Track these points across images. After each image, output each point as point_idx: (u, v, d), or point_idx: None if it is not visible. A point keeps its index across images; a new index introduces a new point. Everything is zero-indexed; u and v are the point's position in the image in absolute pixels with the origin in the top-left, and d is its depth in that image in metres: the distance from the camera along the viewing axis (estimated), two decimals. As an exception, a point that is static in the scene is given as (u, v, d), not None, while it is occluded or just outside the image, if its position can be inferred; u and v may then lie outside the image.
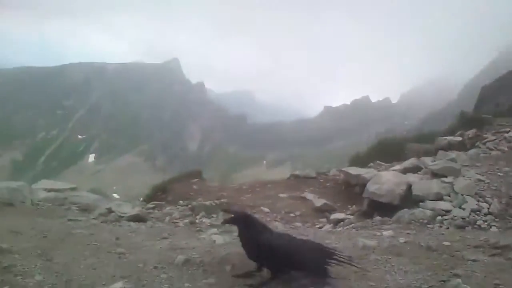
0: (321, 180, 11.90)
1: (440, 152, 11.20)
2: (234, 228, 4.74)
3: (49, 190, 11.69)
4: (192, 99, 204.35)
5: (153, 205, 10.47)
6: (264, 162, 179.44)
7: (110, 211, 9.19)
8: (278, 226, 7.56)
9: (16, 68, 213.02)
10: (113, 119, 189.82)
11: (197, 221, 8.30)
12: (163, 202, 11.03)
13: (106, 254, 5.13)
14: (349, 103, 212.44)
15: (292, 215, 9.21)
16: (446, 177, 8.82)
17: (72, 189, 12.19)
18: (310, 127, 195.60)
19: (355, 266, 4.25)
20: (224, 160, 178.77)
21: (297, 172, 12.70)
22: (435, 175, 9.10)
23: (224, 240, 5.64)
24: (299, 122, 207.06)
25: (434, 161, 10.18)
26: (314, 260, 4.05)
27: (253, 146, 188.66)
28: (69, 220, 7.77)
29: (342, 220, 8.40)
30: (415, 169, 9.97)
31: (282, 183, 12.10)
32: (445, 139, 13.78)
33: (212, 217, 8.65)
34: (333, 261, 4.06)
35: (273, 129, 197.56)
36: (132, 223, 7.96)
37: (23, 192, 9.98)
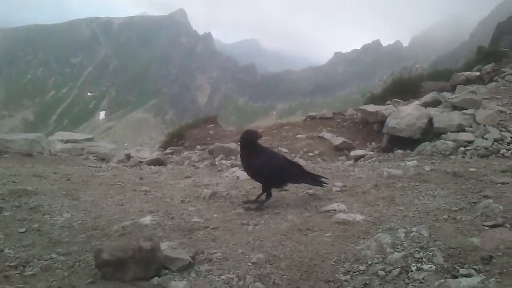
0: (338, 120, 11.78)
1: (459, 86, 11.01)
2: None
3: (66, 141, 11.77)
4: (200, 50, 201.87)
5: (171, 151, 10.52)
6: (274, 112, 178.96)
7: (129, 156, 9.26)
8: (300, 162, 7.53)
9: (23, 26, 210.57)
10: (121, 74, 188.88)
11: (216, 163, 8.31)
12: (181, 148, 11.08)
13: (132, 192, 5.18)
14: (359, 48, 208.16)
15: (311, 154, 9.17)
16: (467, 109, 8.71)
17: (89, 139, 12.25)
18: (320, 75, 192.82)
19: (325, 178, 4.81)
20: (234, 112, 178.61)
21: (313, 113, 12.59)
22: (456, 108, 8.98)
23: (247, 176, 5.60)
24: (308, 70, 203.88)
25: (454, 95, 10.03)
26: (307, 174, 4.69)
27: (263, 96, 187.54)
28: (89, 166, 7.82)
29: (362, 156, 8.34)
30: (434, 103, 9.82)
31: (298, 124, 11.99)
32: (463, 74, 13.54)
33: (231, 158, 8.65)
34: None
35: (282, 78, 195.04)
36: (152, 167, 8.01)
37: (41, 143, 10.05)
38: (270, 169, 4.43)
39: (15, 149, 9.05)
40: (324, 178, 4.73)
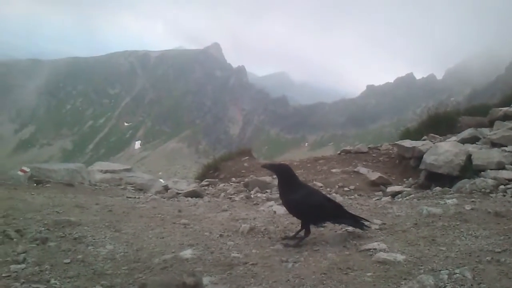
0: (374, 155, 11.68)
1: (498, 122, 10.80)
2: None
3: (105, 172, 12.05)
4: (234, 83, 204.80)
5: (207, 183, 10.65)
6: (306, 144, 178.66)
7: (166, 188, 9.43)
8: (336, 198, 7.50)
9: (64, 58, 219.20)
10: (157, 106, 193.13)
11: (252, 196, 8.34)
12: (216, 180, 11.18)
13: (172, 225, 5.27)
14: (392, 81, 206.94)
15: (346, 189, 9.10)
16: (506, 146, 8.54)
17: (127, 170, 12.52)
18: (352, 107, 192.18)
19: (367, 221, 4.73)
20: (265, 143, 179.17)
21: (348, 147, 12.55)
22: (495, 144, 8.81)
23: (284, 211, 5.62)
24: (340, 102, 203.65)
25: (492, 131, 9.85)
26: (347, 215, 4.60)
27: (294, 128, 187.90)
28: (128, 197, 7.99)
29: (399, 192, 8.23)
30: (472, 140, 9.65)
31: (333, 158, 11.95)
32: (501, 110, 13.25)
33: (266, 191, 8.69)
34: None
35: (314, 110, 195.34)
36: (190, 199, 8.12)
37: (81, 173, 10.34)
38: (307, 206, 4.44)
39: (56, 179, 9.32)
40: (366, 220, 4.69)
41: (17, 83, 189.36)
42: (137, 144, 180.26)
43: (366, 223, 4.63)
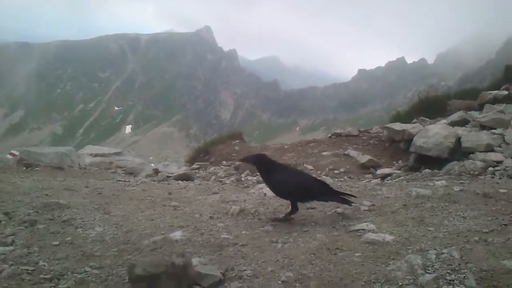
0: (364, 138, 11.72)
1: (487, 105, 10.87)
2: None
3: (95, 155, 11.96)
4: (225, 67, 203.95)
5: (198, 166, 10.64)
6: (297, 128, 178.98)
7: (157, 171, 9.41)
8: (327, 180, 7.51)
9: (54, 42, 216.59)
10: (147, 89, 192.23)
11: (242, 179, 8.35)
12: (207, 163, 11.17)
13: (162, 207, 5.26)
14: (383, 65, 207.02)
15: (336, 171, 9.15)
16: (495, 129, 8.60)
17: (117, 153, 12.43)
18: (343, 91, 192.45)
19: (354, 197, 4.73)
20: (257, 127, 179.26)
21: (339, 130, 12.58)
22: (484, 127, 8.88)
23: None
24: (332, 86, 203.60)
25: (482, 114, 9.91)
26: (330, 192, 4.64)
27: (286, 112, 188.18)
28: (118, 180, 7.94)
29: (389, 174, 8.27)
30: (462, 122, 9.73)
31: (324, 141, 11.97)
32: (490, 93, 13.32)
33: (257, 174, 8.68)
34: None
35: (305, 95, 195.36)
36: (180, 182, 8.10)
37: (71, 157, 10.25)
38: (291, 184, 4.50)
39: (46, 162, 9.23)
40: (353, 196, 4.72)
41: (6, 67, 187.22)
42: (128, 129, 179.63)
43: (352, 199, 4.64)
